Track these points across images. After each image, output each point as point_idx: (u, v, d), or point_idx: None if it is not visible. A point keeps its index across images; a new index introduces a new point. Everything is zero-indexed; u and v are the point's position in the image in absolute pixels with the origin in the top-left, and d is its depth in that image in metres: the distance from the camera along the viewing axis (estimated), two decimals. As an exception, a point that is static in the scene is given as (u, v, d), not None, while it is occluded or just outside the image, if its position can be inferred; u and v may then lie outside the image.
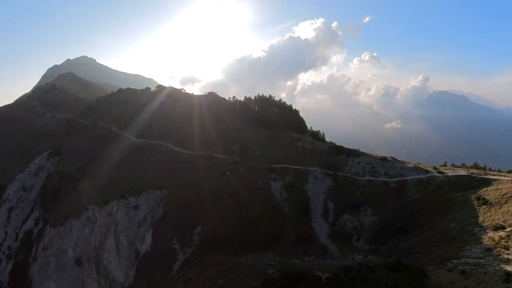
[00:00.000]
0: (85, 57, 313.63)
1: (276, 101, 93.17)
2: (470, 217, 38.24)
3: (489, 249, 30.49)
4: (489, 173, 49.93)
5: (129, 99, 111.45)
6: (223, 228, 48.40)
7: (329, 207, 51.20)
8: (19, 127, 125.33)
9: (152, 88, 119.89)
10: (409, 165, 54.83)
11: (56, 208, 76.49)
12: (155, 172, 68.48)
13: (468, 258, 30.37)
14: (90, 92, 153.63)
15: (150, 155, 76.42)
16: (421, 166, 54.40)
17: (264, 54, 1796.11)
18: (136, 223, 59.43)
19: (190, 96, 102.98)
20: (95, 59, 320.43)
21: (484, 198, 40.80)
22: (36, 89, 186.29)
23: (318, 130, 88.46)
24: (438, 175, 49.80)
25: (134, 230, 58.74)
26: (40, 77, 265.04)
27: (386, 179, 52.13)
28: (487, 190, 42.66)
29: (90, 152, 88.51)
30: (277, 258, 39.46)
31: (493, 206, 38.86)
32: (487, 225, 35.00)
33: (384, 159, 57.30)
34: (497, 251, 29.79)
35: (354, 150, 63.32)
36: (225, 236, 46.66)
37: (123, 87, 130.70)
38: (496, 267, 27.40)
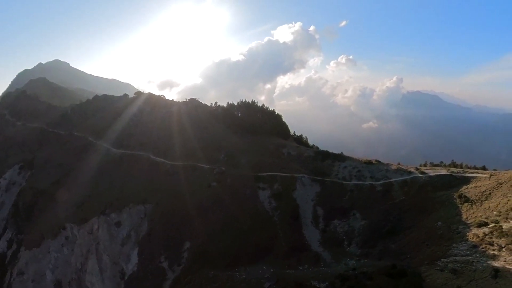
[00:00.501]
0: (58, 61, 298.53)
1: (259, 106, 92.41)
2: (454, 215, 39.45)
3: (475, 246, 31.53)
4: (468, 171, 51.92)
5: (106, 107, 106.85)
6: (213, 242, 46.87)
7: (319, 214, 51.16)
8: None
9: (130, 94, 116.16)
10: (393, 167, 55.96)
11: (31, 228, 71.48)
12: (137, 185, 65.62)
13: (457, 256, 31.38)
14: (64, 99, 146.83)
15: (130, 167, 73.48)
16: (404, 168, 55.72)
17: (243, 58, 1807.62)
18: (120, 241, 56.44)
19: (170, 103, 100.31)
20: (69, 63, 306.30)
21: (466, 196, 42.37)
22: (5, 96, 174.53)
23: (301, 135, 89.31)
24: (421, 176, 51.18)
25: (118, 249, 55.72)
26: (10, 83, 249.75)
27: (373, 182, 52.89)
28: (467, 188, 44.38)
29: (66, 165, 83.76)
30: (271, 270, 38.78)
31: (475, 203, 40.46)
32: (471, 223, 36.12)
33: (369, 163, 58.15)
34: (483, 247, 30.89)
35: (340, 155, 63.81)
36: (216, 251, 45.19)
37: (99, 93, 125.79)
38: (484, 264, 28.46)
